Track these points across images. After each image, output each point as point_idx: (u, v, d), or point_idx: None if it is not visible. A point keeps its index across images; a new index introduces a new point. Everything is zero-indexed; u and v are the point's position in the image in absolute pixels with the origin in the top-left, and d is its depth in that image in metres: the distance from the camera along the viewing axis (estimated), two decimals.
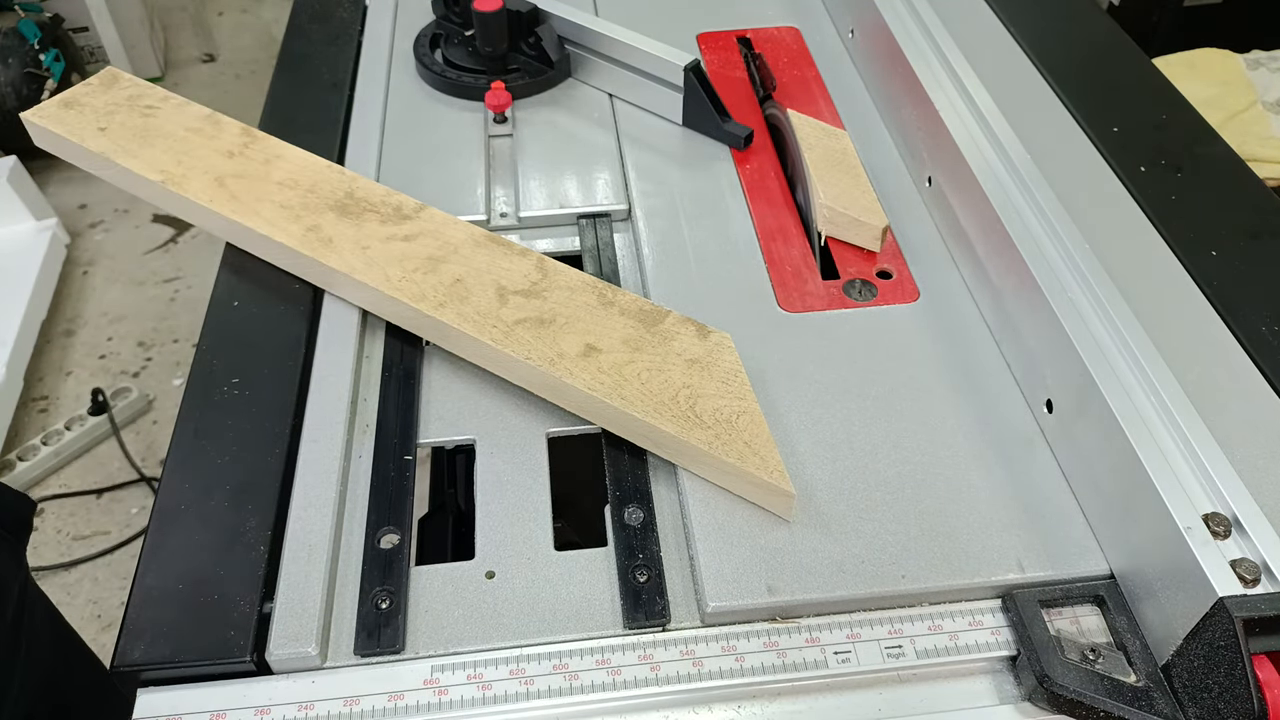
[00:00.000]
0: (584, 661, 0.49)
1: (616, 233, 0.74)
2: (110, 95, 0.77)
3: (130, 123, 0.74)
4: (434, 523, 0.87)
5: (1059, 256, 0.60)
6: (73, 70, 2.27)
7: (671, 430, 0.55)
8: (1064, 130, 0.75)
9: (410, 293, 0.62)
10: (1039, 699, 0.48)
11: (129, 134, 0.73)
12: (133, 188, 0.72)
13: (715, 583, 0.51)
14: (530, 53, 0.86)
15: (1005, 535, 0.53)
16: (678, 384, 0.57)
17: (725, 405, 0.56)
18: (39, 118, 0.75)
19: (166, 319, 1.96)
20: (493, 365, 0.61)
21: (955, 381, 0.62)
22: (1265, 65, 1.45)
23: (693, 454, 0.55)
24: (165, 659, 0.48)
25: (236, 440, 0.58)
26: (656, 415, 0.55)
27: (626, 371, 0.57)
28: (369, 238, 0.65)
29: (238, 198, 0.68)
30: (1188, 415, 0.51)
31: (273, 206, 0.68)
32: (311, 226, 0.66)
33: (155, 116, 0.75)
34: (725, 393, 0.57)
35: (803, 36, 0.93)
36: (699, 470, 0.56)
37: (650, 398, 0.56)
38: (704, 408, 0.56)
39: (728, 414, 0.56)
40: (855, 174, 0.73)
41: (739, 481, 0.54)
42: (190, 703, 0.48)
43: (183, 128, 0.74)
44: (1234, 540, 0.46)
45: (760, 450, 0.54)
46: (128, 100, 0.77)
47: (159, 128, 0.74)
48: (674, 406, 0.56)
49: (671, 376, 0.57)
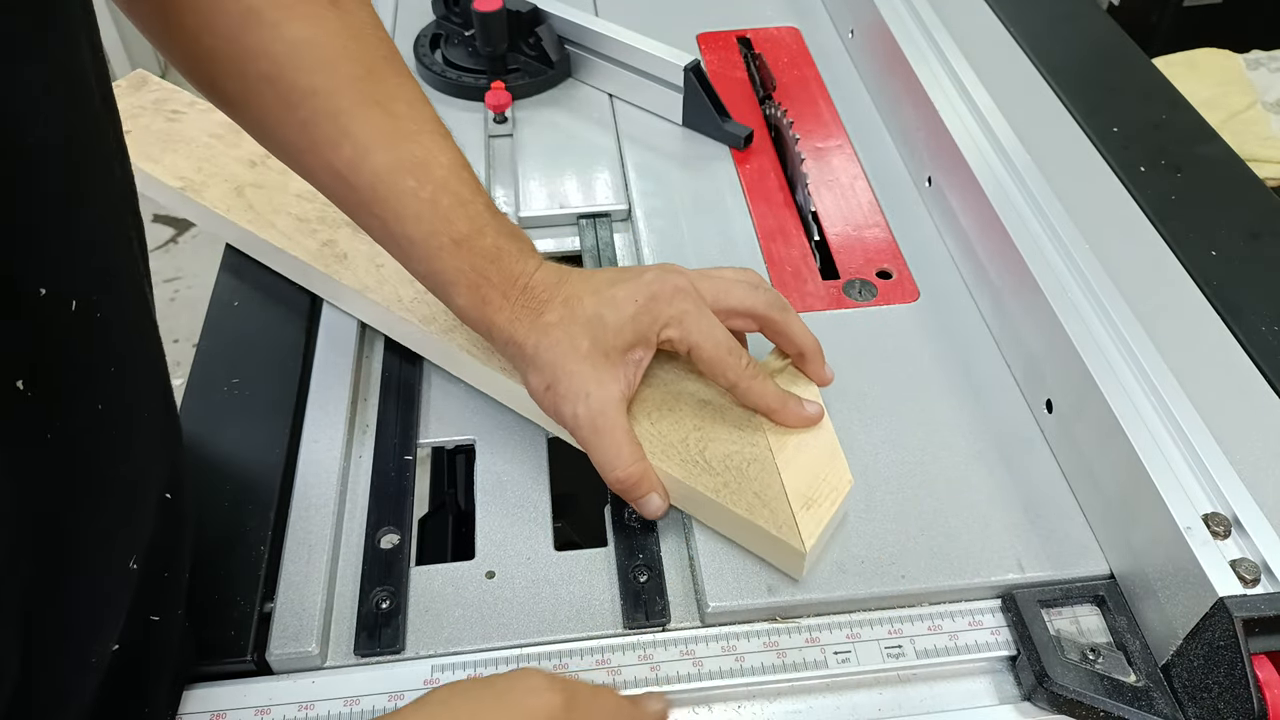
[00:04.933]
0: (584, 661, 0.49)
1: (616, 233, 0.74)
2: (137, 98, 0.77)
3: (154, 126, 0.74)
4: (434, 523, 0.87)
5: (1059, 256, 0.60)
6: None
7: (679, 474, 0.52)
8: (1064, 130, 0.75)
9: (421, 314, 0.60)
10: (1039, 699, 0.48)
11: (152, 138, 0.73)
12: (152, 192, 0.72)
13: (715, 583, 0.51)
14: (530, 53, 0.86)
15: (1005, 535, 0.53)
16: (688, 426, 0.54)
17: (736, 451, 0.53)
18: None
19: (166, 319, 1.96)
20: (502, 397, 0.60)
21: (955, 381, 0.62)
22: (1265, 65, 1.45)
23: (697, 501, 0.52)
24: None
25: (236, 440, 0.58)
26: (664, 458, 0.52)
27: (635, 412, 0.54)
28: (383, 255, 0.63)
29: (254, 208, 0.68)
30: (1188, 415, 0.51)
31: (289, 219, 0.67)
32: (327, 241, 0.65)
33: (180, 121, 0.75)
34: (738, 438, 0.53)
35: (803, 36, 0.93)
36: (705, 519, 0.53)
37: (659, 439, 0.53)
38: (714, 453, 0.53)
39: (738, 461, 0.52)
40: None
41: (747, 534, 0.51)
42: (190, 703, 0.48)
43: (206, 134, 0.73)
44: (1234, 540, 0.46)
45: (771, 502, 0.50)
46: (154, 104, 0.76)
47: (182, 133, 0.73)
48: (683, 449, 0.53)
49: (682, 418, 0.54)
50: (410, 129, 0.48)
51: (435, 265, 0.50)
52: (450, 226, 0.49)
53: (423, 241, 0.50)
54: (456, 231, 0.49)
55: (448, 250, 0.50)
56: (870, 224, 0.73)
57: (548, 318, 0.51)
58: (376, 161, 0.48)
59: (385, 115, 0.48)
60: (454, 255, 0.50)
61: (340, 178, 0.49)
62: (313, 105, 0.47)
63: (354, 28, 0.47)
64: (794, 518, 0.50)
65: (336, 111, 0.47)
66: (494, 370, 0.57)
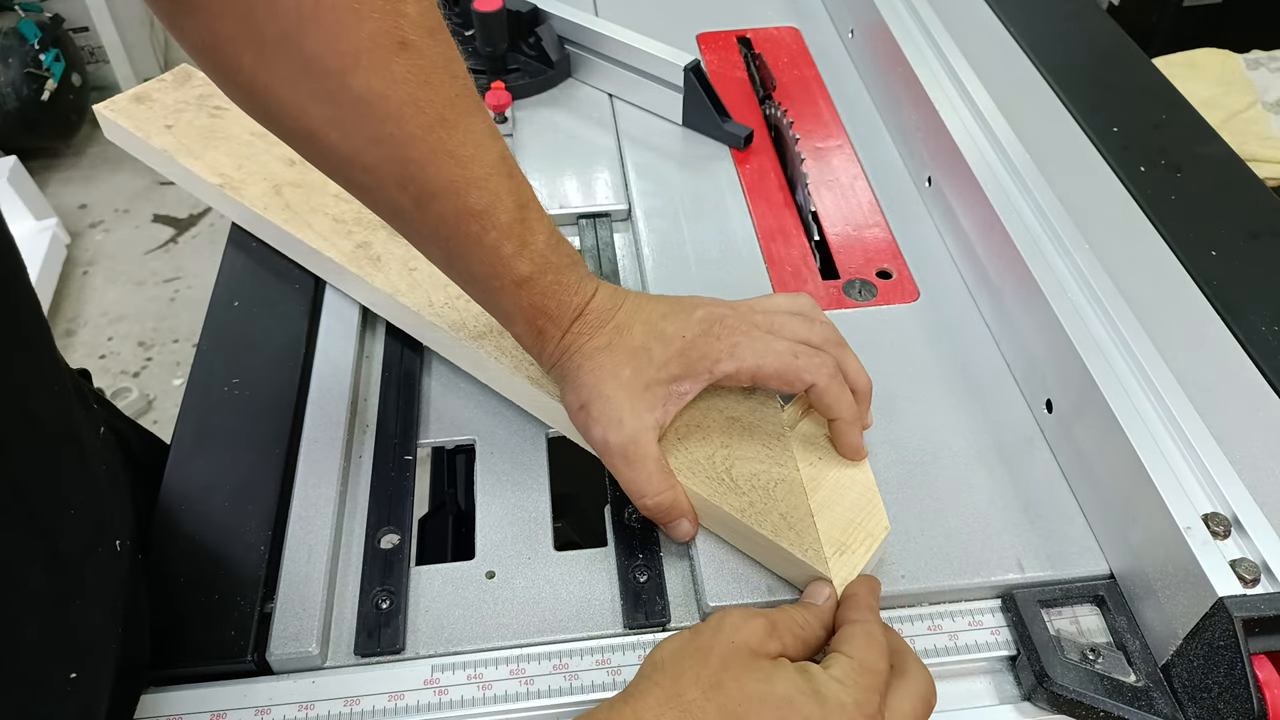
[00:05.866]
0: (584, 661, 0.49)
1: (616, 233, 0.74)
2: (181, 93, 0.77)
3: (197, 122, 0.74)
4: (434, 523, 0.87)
5: (1059, 256, 0.60)
6: (73, 70, 2.27)
7: (704, 493, 0.51)
8: (1064, 130, 0.75)
9: (451, 320, 0.60)
10: (1039, 699, 0.48)
11: (194, 134, 0.73)
12: (192, 187, 0.72)
13: (715, 583, 0.51)
14: (530, 53, 0.86)
15: (1005, 535, 0.53)
16: (715, 443, 0.53)
17: (763, 471, 0.52)
18: (110, 111, 0.74)
19: (166, 319, 1.96)
20: (528, 405, 0.59)
21: (955, 381, 0.62)
22: (1265, 65, 1.45)
23: (723, 520, 0.52)
24: (164, 658, 0.49)
25: (236, 440, 0.58)
26: (690, 475, 0.52)
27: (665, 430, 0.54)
28: (417, 259, 0.63)
29: (291, 207, 0.67)
30: (1188, 415, 0.51)
31: (325, 219, 0.67)
32: (361, 243, 0.65)
33: (222, 118, 0.74)
34: (765, 457, 0.53)
35: (803, 36, 0.93)
36: (730, 539, 0.53)
37: (685, 455, 0.53)
38: (740, 471, 0.52)
39: (765, 480, 0.51)
40: None
41: (772, 555, 0.50)
42: (190, 703, 0.48)
43: (248, 131, 0.73)
44: (1234, 540, 0.46)
45: (797, 525, 0.49)
46: (197, 99, 0.76)
47: (224, 129, 0.73)
48: (709, 467, 0.52)
49: (709, 435, 0.54)
50: (478, 175, 0.48)
51: (495, 300, 0.52)
52: (512, 270, 0.50)
53: (484, 281, 0.50)
54: (518, 274, 0.50)
55: (509, 290, 0.50)
56: (870, 224, 0.73)
57: (596, 342, 0.52)
58: (443, 208, 0.48)
59: (454, 164, 0.47)
60: (514, 295, 0.50)
61: (402, 215, 0.49)
62: (378, 153, 0.46)
63: (423, 73, 0.45)
64: (820, 540, 0.49)
65: (405, 160, 0.46)
66: (522, 379, 0.57)
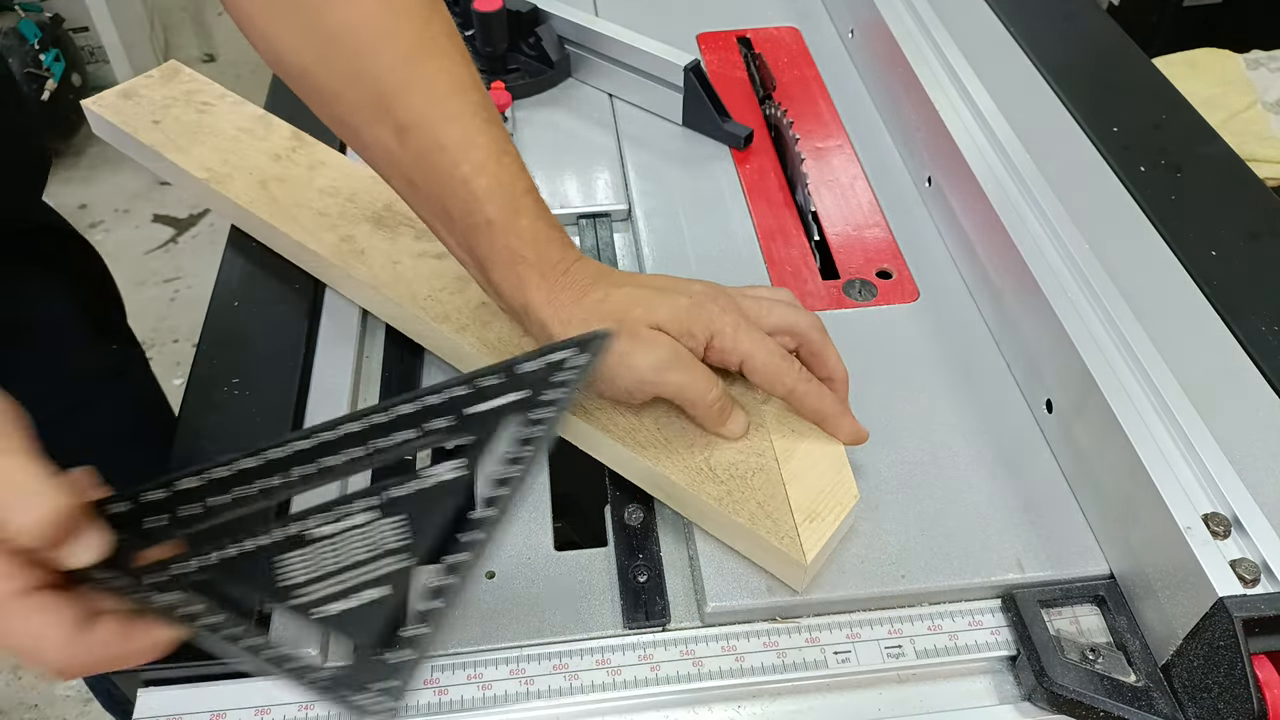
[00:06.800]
0: (584, 661, 0.49)
1: (616, 233, 0.74)
2: (169, 89, 0.77)
3: (184, 118, 0.74)
4: None
5: (1059, 256, 0.60)
6: (73, 70, 2.27)
7: (682, 481, 0.52)
8: (1064, 130, 0.75)
9: (435, 312, 0.60)
10: (1039, 699, 0.48)
11: (182, 129, 0.73)
12: (180, 182, 0.72)
13: (715, 582, 0.51)
14: (530, 53, 0.86)
15: (1005, 535, 0.53)
16: (694, 432, 0.54)
17: (742, 460, 0.53)
18: (98, 106, 0.75)
19: (166, 319, 1.96)
20: None
21: (955, 381, 0.62)
22: (1265, 65, 1.45)
23: (701, 508, 0.52)
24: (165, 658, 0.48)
25: (236, 440, 0.58)
26: (669, 463, 0.52)
27: (645, 417, 0.54)
28: (401, 253, 0.64)
29: (277, 201, 0.68)
30: (1188, 415, 0.51)
31: (311, 213, 0.67)
32: (346, 237, 0.65)
33: (209, 113, 0.75)
34: (744, 447, 0.53)
35: (803, 36, 0.93)
36: (708, 527, 0.53)
37: (664, 445, 0.53)
38: (719, 460, 0.53)
39: (742, 470, 0.52)
40: None
41: (749, 543, 0.51)
42: (190, 703, 0.48)
43: (234, 126, 0.73)
44: (1234, 540, 0.46)
45: (773, 513, 0.50)
46: (185, 95, 0.76)
47: (211, 125, 0.74)
48: (688, 456, 0.53)
49: (689, 424, 0.54)
50: (452, 110, 0.50)
51: (471, 242, 0.52)
52: (484, 207, 0.50)
53: (460, 219, 0.51)
54: (491, 212, 0.50)
55: (482, 230, 0.51)
56: (870, 224, 0.73)
57: (586, 302, 0.51)
58: (418, 141, 0.50)
59: (427, 98, 0.50)
60: (488, 234, 0.51)
61: (391, 158, 0.52)
62: (358, 90, 0.50)
63: (394, 5, 0.50)
64: (796, 529, 0.49)
65: (380, 93, 0.50)
66: None
